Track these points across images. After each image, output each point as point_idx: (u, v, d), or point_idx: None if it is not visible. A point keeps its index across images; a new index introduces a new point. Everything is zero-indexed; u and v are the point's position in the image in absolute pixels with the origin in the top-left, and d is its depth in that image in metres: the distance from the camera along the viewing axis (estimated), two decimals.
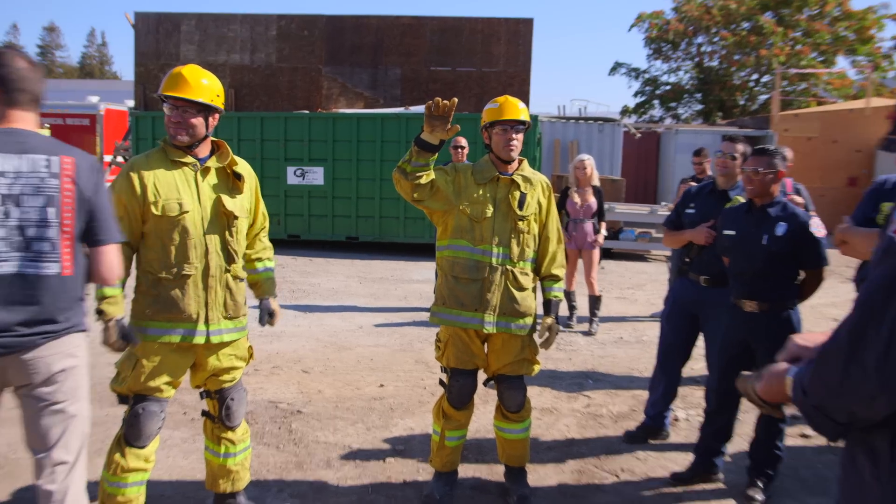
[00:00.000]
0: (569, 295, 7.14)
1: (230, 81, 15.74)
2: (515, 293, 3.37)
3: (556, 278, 3.50)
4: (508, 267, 3.36)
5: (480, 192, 3.36)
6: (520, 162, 3.48)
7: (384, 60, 15.18)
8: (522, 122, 3.36)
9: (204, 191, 2.91)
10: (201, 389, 3.11)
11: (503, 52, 14.95)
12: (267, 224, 3.24)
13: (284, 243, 12.17)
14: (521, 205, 3.37)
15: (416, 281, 9.75)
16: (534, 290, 3.48)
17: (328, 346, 6.30)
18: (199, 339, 2.90)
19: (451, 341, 3.41)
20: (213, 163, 2.94)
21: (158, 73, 15.40)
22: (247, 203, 3.05)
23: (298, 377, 5.40)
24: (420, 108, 12.68)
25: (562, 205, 7.06)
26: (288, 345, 6.29)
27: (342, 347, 6.29)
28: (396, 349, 6.29)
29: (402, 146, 11.69)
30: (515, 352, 3.41)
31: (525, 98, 14.51)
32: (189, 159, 2.89)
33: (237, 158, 3.04)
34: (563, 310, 7.51)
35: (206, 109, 2.86)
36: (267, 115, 12.41)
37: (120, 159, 15.35)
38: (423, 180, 3.17)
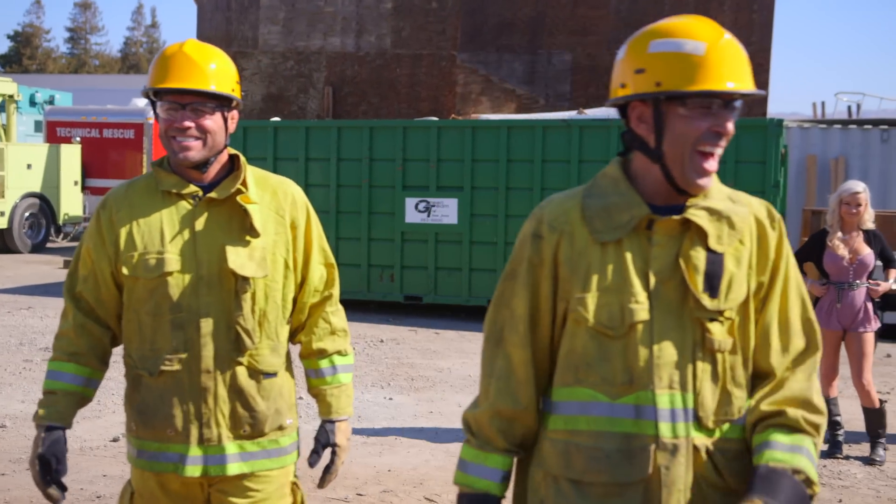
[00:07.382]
0: (828, 403, 6.89)
1: (326, 75, 16.59)
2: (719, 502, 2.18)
3: (792, 423, 2.15)
4: (700, 441, 2.15)
5: (609, 262, 2.19)
6: None
7: (546, 42, 15.50)
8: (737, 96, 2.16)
9: (202, 236, 2.80)
10: None
11: (729, 21, 14.87)
12: (335, 288, 3.04)
13: (400, 308, 12.53)
14: (711, 284, 2.15)
15: None
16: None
17: None
18: (192, 471, 2.82)
19: None
20: (220, 191, 2.82)
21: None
22: (277, 252, 2.87)
23: None
24: (601, 112, 12.81)
25: (815, 258, 6.85)
26: (405, 458, 6.45)
27: None
28: None
29: (572, 168, 11.82)
30: None
31: (764, 90, 14.32)
32: (190, 188, 2.82)
33: (266, 174, 2.96)
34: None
35: (224, 104, 2.81)
36: (378, 124, 12.89)
37: None
38: None
